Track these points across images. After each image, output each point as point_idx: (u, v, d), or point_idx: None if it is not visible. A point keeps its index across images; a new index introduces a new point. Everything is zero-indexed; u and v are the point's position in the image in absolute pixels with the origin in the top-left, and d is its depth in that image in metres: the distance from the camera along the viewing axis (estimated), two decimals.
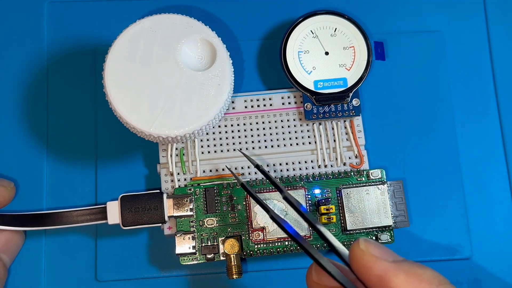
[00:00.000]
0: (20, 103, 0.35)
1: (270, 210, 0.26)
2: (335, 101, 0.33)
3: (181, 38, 0.30)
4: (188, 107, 0.29)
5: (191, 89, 0.29)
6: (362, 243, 0.22)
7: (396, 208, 0.32)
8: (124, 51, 0.30)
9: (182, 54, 0.30)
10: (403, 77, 0.36)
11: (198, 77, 0.30)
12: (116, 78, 0.29)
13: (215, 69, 0.30)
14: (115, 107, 0.29)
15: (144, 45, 0.30)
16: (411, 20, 0.37)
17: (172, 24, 0.30)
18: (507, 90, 0.36)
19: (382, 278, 0.20)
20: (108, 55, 0.30)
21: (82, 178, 0.34)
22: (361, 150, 0.33)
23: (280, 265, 0.33)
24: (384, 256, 0.21)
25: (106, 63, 0.29)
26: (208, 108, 0.29)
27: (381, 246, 0.22)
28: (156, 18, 0.30)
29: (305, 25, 0.34)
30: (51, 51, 0.36)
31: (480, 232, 0.34)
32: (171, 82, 0.29)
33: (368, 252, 0.21)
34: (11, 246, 0.32)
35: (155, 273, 0.33)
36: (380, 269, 0.21)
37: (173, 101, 0.29)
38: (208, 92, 0.29)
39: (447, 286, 0.20)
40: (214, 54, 0.30)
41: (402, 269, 0.21)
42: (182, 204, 0.31)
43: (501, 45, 0.36)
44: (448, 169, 0.35)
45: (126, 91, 0.29)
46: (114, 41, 0.30)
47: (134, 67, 0.29)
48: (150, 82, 0.29)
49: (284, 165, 0.33)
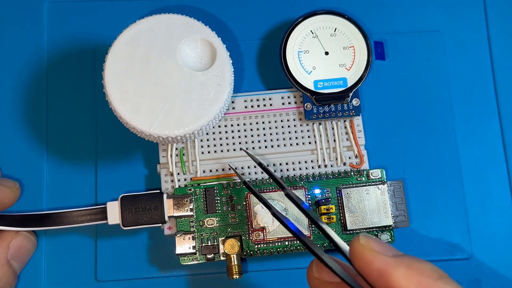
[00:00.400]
0: (20, 103, 0.35)
1: (272, 207, 0.26)
2: (335, 101, 0.33)
3: (181, 38, 0.30)
4: (188, 107, 0.29)
5: (191, 89, 0.29)
6: (362, 239, 0.22)
7: (396, 208, 0.32)
8: (124, 51, 0.30)
9: (182, 54, 0.30)
10: (403, 77, 0.36)
11: (198, 77, 0.30)
12: (116, 78, 0.29)
13: (215, 69, 0.30)
14: (115, 107, 0.29)
15: (144, 45, 0.30)
16: (411, 20, 0.37)
17: (172, 24, 0.30)
18: (507, 90, 0.36)
19: (382, 272, 0.21)
20: (108, 55, 0.30)
21: (82, 178, 0.34)
22: (361, 150, 0.33)
23: (280, 265, 0.33)
24: (384, 251, 0.21)
25: (106, 63, 0.29)
26: (208, 108, 0.29)
27: (381, 241, 0.22)
28: (156, 18, 0.30)
29: (305, 25, 0.34)
30: (51, 51, 0.36)
31: (480, 232, 0.34)
32: (171, 82, 0.29)
33: (368, 247, 0.22)
34: (22, 253, 0.32)
35: (155, 273, 0.33)
36: (380, 264, 0.21)
37: (173, 101, 0.29)
38: (208, 92, 0.29)
39: (446, 280, 0.20)
40: (214, 54, 0.30)
41: (402, 263, 0.21)
42: (182, 204, 0.31)
43: (501, 45, 0.36)
44: (448, 169, 0.35)
45: (126, 91, 0.29)
46: (114, 41, 0.30)
47: (134, 67, 0.29)
48: (150, 82, 0.29)
49: (284, 165, 0.33)
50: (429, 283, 0.20)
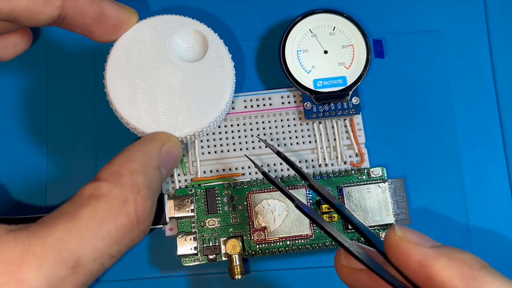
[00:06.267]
0: (20, 103, 0.35)
1: (295, 199, 0.25)
2: (335, 99, 0.33)
3: (168, 37, 0.30)
4: (202, 98, 0.29)
5: (196, 84, 0.29)
6: (399, 230, 0.21)
7: (398, 206, 0.32)
8: (123, 56, 0.29)
9: (175, 51, 0.30)
10: (403, 76, 0.36)
11: (199, 68, 0.29)
12: (118, 78, 0.29)
13: (211, 53, 0.30)
14: (116, 108, 0.29)
15: (137, 52, 0.29)
16: (411, 20, 0.37)
17: (156, 26, 0.30)
18: (507, 90, 0.36)
19: (423, 263, 0.20)
20: (108, 60, 0.29)
21: (82, 178, 0.34)
22: (361, 149, 0.33)
23: (282, 265, 0.33)
24: (423, 242, 0.21)
25: (107, 63, 0.29)
26: (221, 92, 0.29)
27: (418, 232, 0.22)
28: (142, 24, 0.30)
29: (304, 24, 0.34)
30: (51, 51, 0.35)
31: (480, 232, 0.34)
32: (173, 80, 0.29)
33: (406, 238, 0.21)
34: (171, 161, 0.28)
35: (156, 273, 0.33)
36: (420, 255, 0.20)
37: (185, 98, 0.29)
38: (214, 75, 0.29)
39: (489, 269, 0.20)
40: (205, 40, 0.30)
41: (442, 253, 0.20)
42: (183, 205, 0.31)
43: (501, 45, 0.36)
44: (448, 169, 0.35)
45: (128, 92, 0.29)
46: (112, 46, 0.29)
47: (134, 73, 0.29)
48: (153, 84, 0.29)
49: (284, 165, 0.33)
50: (472, 273, 0.20)
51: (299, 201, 0.25)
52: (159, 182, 0.27)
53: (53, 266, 0.21)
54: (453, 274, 0.20)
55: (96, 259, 0.22)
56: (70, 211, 0.23)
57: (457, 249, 0.21)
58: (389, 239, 0.21)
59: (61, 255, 0.21)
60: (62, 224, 0.22)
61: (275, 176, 0.33)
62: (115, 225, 0.23)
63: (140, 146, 0.27)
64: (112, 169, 0.25)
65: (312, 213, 0.24)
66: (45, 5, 0.26)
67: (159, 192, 0.27)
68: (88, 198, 0.23)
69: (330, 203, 0.25)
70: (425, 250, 0.21)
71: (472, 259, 0.20)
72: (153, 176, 0.26)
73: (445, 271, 0.20)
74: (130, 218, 0.23)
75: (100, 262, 0.22)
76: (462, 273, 0.20)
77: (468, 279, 0.20)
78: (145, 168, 0.25)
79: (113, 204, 0.23)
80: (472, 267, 0.20)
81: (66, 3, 0.26)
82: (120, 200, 0.23)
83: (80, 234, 0.22)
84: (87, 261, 0.22)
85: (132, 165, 0.25)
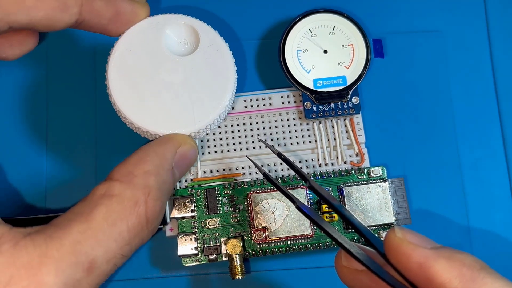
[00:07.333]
0: (20, 103, 0.35)
1: (296, 200, 0.25)
2: (335, 99, 0.33)
3: (159, 37, 0.30)
4: (207, 90, 0.29)
5: (200, 74, 0.29)
6: (398, 231, 0.21)
7: (398, 205, 0.32)
8: (124, 57, 0.29)
9: (170, 48, 0.30)
10: (403, 76, 0.36)
11: (197, 58, 0.29)
12: (120, 77, 0.29)
13: (204, 40, 0.30)
14: (119, 108, 0.29)
15: (132, 60, 0.29)
16: (411, 20, 0.37)
17: (143, 30, 0.30)
18: (507, 90, 0.36)
19: (423, 265, 0.20)
20: (109, 60, 0.29)
21: (82, 178, 0.34)
22: (361, 148, 0.33)
23: (282, 265, 0.33)
24: (422, 243, 0.21)
25: (108, 71, 0.29)
26: (226, 80, 0.29)
27: (417, 233, 0.22)
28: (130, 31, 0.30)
29: (303, 24, 0.34)
30: (51, 51, 0.35)
31: (480, 232, 0.34)
32: (176, 77, 0.29)
33: (405, 240, 0.21)
34: (185, 164, 0.29)
35: (156, 273, 0.33)
36: (419, 257, 0.21)
37: (187, 94, 0.29)
38: (213, 62, 0.29)
39: (488, 270, 0.20)
40: (195, 31, 0.30)
41: (442, 255, 0.20)
42: (183, 205, 0.31)
43: (501, 45, 0.36)
44: (448, 169, 0.35)
45: (131, 91, 0.29)
46: (113, 47, 0.29)
47: (136, 74, 0.29)
48: (156, 84, 0.29)
49: (284, 165, 0.33)
50: (471, 274, 0.20)
51: (300, 202, 0.25)
52: (171, 184, 0.27)
53: (70, 269, 0.21)
54: (452, 275, 0.20)
55: (110, 260, 0.23)
56: (84, 212, 0.23)
57: (456, 250, 0.21)
58: (389, 240, 0.21)
59: (77, 257, 0.22)
60: (77, 226, 0.22)
61: (275, 176, 0.33)
62: (127, 226, 0.23)
63: (156, 146, 0.27)
64: (125, 169, 0.25)
65: (313, 214, 0.24)
66: (63, 13, 0.26)
67: (170, 193, 0.27)
68: (101, 198, 0.24)
69: (331, 204, 0.25)
70: (425, 251, 0.21)
71: (471, 260, 0.21)
72: (166, 177, 0.26)
73: (445, 272, 0.20)
74: (141, 219, 0.24)
75: (113, 263, 0.23)
76: (462, 274, 0.20)
77: (468, 280, 0.20)
78: (158, 169, 0.26)
79: (125, 205, 0.24)
80: (472, 268, 0.20)
81: (83, 8, 0.26)
82: (132, 201, 0.24)
83: (94, 236, 0.22)
84: (101, 262, 0.22)
85: (145, 166, 0.25)
